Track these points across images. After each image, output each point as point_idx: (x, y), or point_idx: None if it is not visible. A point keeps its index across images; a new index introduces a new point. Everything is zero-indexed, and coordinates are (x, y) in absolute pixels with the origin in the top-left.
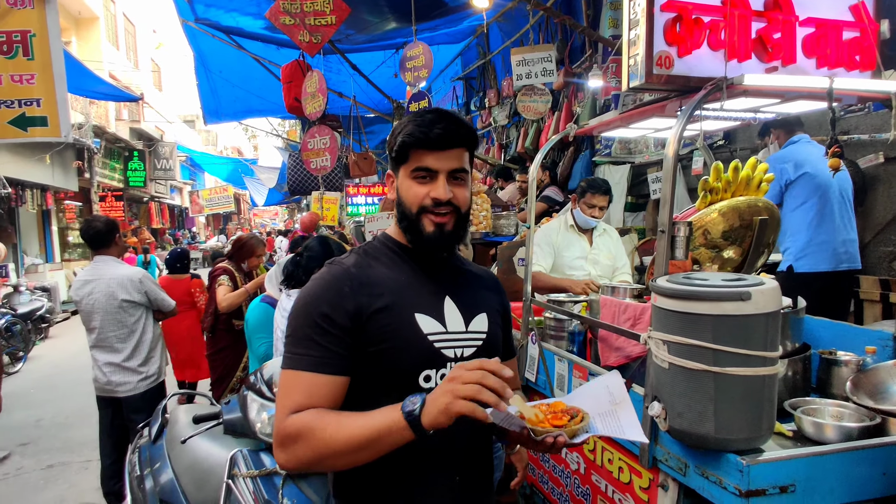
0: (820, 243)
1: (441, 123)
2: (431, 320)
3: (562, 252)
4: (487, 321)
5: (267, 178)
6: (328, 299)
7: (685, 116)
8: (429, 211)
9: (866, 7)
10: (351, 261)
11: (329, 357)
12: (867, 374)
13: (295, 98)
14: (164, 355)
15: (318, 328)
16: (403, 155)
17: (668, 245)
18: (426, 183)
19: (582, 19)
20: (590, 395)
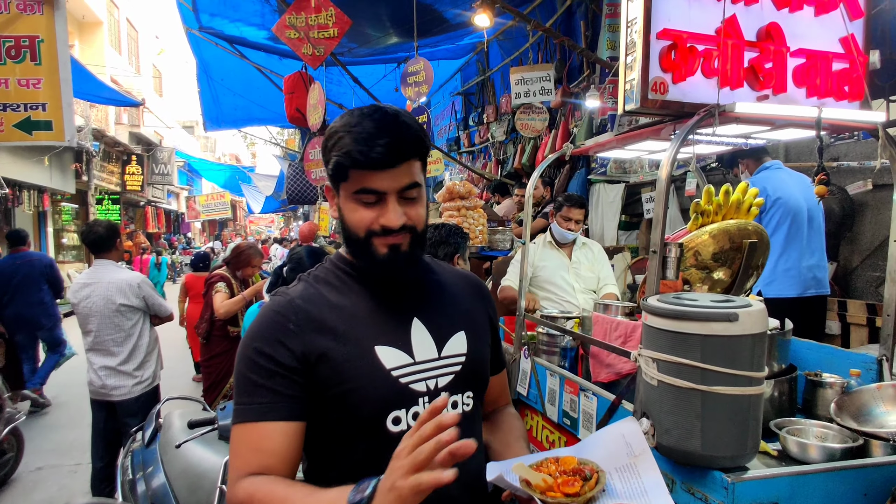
0: (787, 269)
1: (384, 137)
2: (395, 352)
3: (540, 268)
4: (466, 339)
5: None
6: (270, 338)
7: (678, 141)
8: (378, 235)
9: (856, 39)
10: (297, 290)
11: (277, 401)
12: (851, 396)
13: (296, 109)
14: (159, 360)
15: (261, 371)
16: (341, 174)
17: (659, 265)
18: (372, 206)
19: (580, 40)
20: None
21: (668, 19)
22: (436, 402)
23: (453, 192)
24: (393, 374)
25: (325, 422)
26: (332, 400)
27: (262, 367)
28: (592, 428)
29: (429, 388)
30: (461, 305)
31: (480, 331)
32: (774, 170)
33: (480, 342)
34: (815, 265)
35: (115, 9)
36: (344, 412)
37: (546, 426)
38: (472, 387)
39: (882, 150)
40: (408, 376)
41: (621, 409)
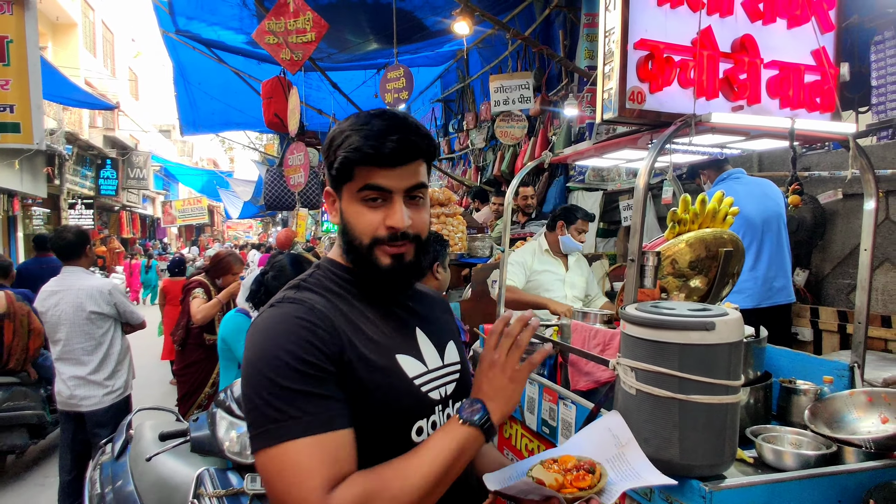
0: (746, 280)
1: (395, 134)
2: (412, 360)
3: (537, 274)
4: (456, 348)
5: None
6: (306, 345)
7: (655, 150)
8: (384, 242)
9: (827, 52)
10: (311, 297)
11: (339, 407)
12: (824, 402)
13: (275, 114)
14: (130, 369)
15: (308, 379)
16: (347, 173)
17: (637, 273)
18: (378, 207)
19: (559, 49)
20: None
21: (646, 30)
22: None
23: (432, 198)
24: (415, 382)
25: None
26: (358, 409)
27: (309, 375)
28: (571, 436)
29: (441, 395)
30: (441, 318)
31: (459, 341)
32: (733, 180)
33: (463, 353)
34: (773, 276)
35: (91, 10)
36: (370, 422)
37: (525, 435)
38: (467, 394)
39: (853, 160)
40: (426, 385)
41: (600, 417)
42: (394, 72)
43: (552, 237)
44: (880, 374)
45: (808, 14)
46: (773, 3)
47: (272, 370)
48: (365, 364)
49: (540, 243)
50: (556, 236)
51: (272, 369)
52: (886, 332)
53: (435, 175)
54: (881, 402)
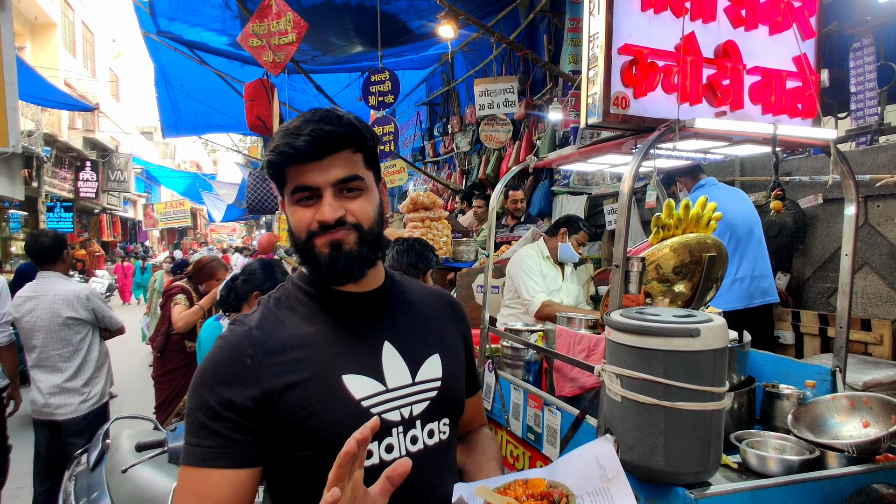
0: (731, 283)
1: (308, 127)
2: (365, 380)
3: (545, 281)
4: (441, 363)
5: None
6: (225, 376)
7: (640, 155)
8: (317, 235)
9: (808, 59)
10: (255, 319)
11: (226, 446)
12: (807, 407)
13: (257, 116)
14: (108, 376)
15: (210, 412)
16: (278, 177)
17: (622, 279)
18: (311, 205)
19: (543, 54)
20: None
21: (630, 35)
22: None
23: (417, 203)
24: (363, 404)
25: (289, 460)
26: (296, 437)
27: (211, 409)
28: (556, 443)
29: (403, 416)
30: (434, 326)
31: (455, 352)
32: (710, 187)
33: (455, 365)
34: (760, 275)
35: (70, 10)
36: (310, 448)
37: (510, 441)
38: (448, 413)
39: (834, 166)
40: (379, 405)
41: (585, 424)
42: (378, 75)
43: (552, 243)
44: (861, 377)
45: (789, 21)
46: (755, 9)
47: (193, 395)
48: (301, 387)
49: (541, 249)
50: (556, 243)
51: (193, 394)
52: (866, 335)
53: (420, 178)
54: (863, 407)
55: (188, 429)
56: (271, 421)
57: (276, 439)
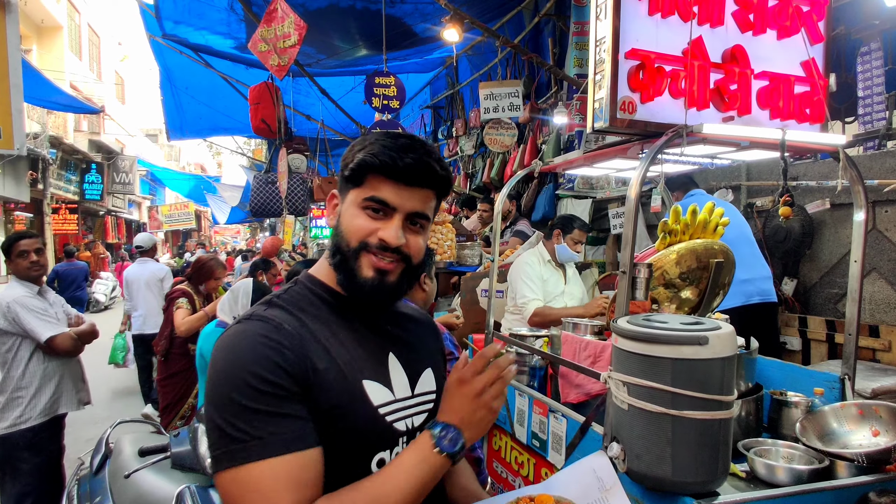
0: None
1: (415, 153)
2: (380, 387)
3: (545, 286)
4: (434, 377)
5: (230, 196)
6: (269, 364)
7: (647, 160)
8: (371, 251)
9: (816, 63)
10: (279, 315)
11: (303, 427)
12: (815, 415)
13: (262, 119)
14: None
15: (271, 398)
16: (358, 177)
17: (629, 286)
18: (377, 218)
19: (548, 57)
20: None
21: (637, 39)
22: (491, 348)
23: None
24: (380, 411)
25: None
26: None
27: (272, 395)
28: (562, 450)
29: (408, 427)
30: (424, 341)
31: (440, 368)
32: (699, 196)
33: (442, 381)
34: (756, 277)
35: (76, 13)
36: (330, 447)
37: (515, 447)
38: None
39: (843, 171)
40: (392, 414)
41: (591, 432)
42: (382, 77)
43: (550, 246)
44: (869, 384)
45: (797, 25)
46: (763, 14)
47: (235, 390)
48: (329, 388)
49: (542, 253)
50: (553, 245)
51: (235, 389)
52: (874, 341)
53: None
54: (872, 415)
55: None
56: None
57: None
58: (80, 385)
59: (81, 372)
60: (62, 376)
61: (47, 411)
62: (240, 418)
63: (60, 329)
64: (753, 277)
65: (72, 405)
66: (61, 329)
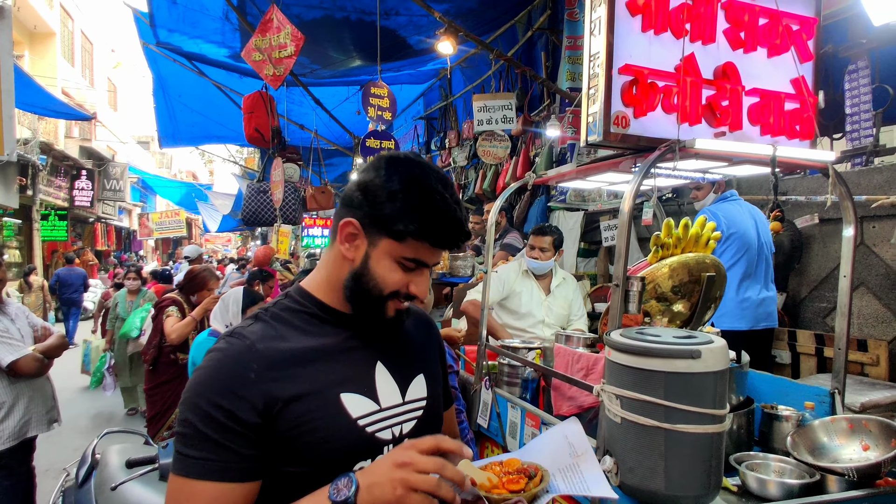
0: (741, 302)
1: (460, 233)
2: (361, 399)
3: (517, 294)
4: (426, 383)
5: (221, 204)
6: (227, 388)
7: (641, 174)
8: (399, 298)
9: (805, 81)
10: (256, 332)
11: (233, 461)
12: (806, 429)
13: (255, 129)
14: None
15: (215, 424)
16: (399, 235)
17: (622, 299)
18: (410, 271)
19: (541, 71)
20: (547, 448)
21: (630, 55)
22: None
23: None
24: (359, 423)
25: (282, 476)
26: (293, 452)
27: (217, 422)
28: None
29: (394, 435)
30: (417, 346)
31: (434, 371)
32: (731, 201)
33: (436, 384)
34: (767, 298)
35: (70, 20)
36: (305, 465)
37: None
38: (432, 431)
39: (832, 187)
40: (374, 424)
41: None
42: (377, 88)
43: None
44: (858, 398)
45: (787, 44)
46: (753, 32)
47: (193, 408)
48: (301, 403)
49: (521, 264)
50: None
51: (193, 407)
52: (862, 355)
53: None
54: (862, 429)
55: (187, 440)
56: (272, 435)
57: (274, 454)
58: (50, 404)
59: (51, 390)
60: (31, 398)
61: (16, 435)
62: (185, 434)
63: (22, 351)
64: (764, 299)
65: (42, 426)
66: (23, 351)
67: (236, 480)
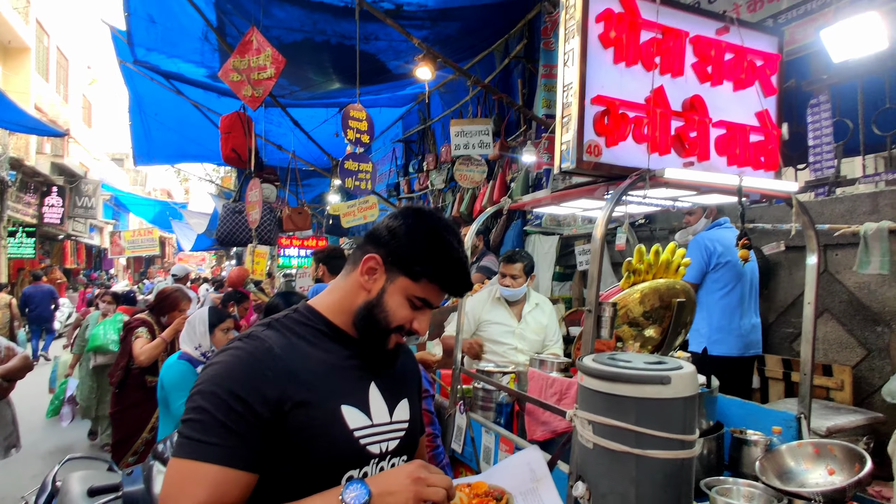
0: (732, 329)
1: (469, 281)
2: (357, 412)
3: (487, 325)
4: (409, 406)
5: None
6: (247, 381)
7: (612, 202)
8: (401, 332)
9: (769, 114)
10: (273, 338)
11: (244, 449)
12: (774, 454)
13: (232, 149)
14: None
15: (232, 413)
16: (417, 276)
17: (594, 324)
18: (416, 309)
19: (518, 98)
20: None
21: (602, 86)
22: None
23: None
24: (355, 434)
25: (279, 473)
26: (290, 454)
27: (233, 410)
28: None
29: (381, 450)
30: (403, 374)
31: (415, 398)
32: (725, 228)
33: (417, 409)
34: (756, 325)
35: (45, 35)
36: (301, 467)
37: None
38: (409, 451)
39: (796, 217)
40: (366, 438)
41: (557, 470)
42: (356, 111)
43: None
44: (824, 423)
45: (752, 78)
46: (720, 66)
47: (209, 396)
48: (307, 408)
49: (492, 291)
50: None
51: (209, 395)
52: (828, 380)
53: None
54: (827, 454)
55: (200, 426)
56: (278, 433)
57: (276, 452)
58: (9, 429)
59: (11, 414)
60: None
61: None
62: (197, 420)
63: None
64: (754, 327)
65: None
66: None
67: (241, 468)
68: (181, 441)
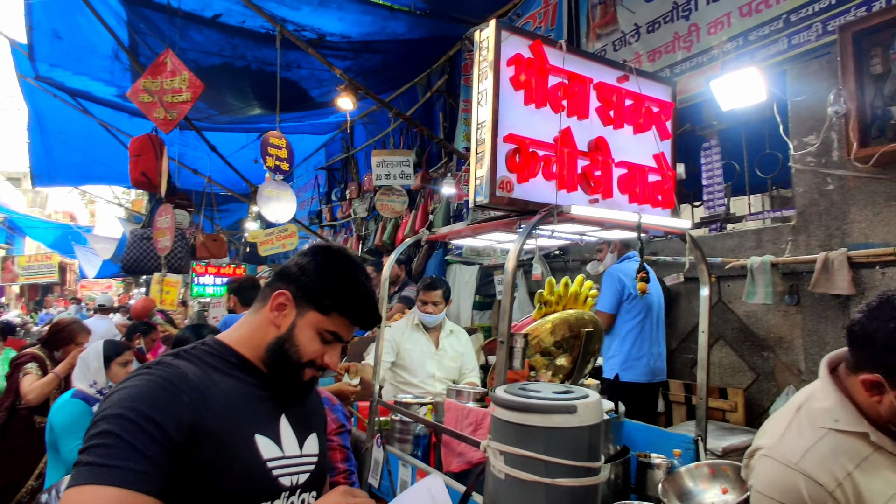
0: (640, 357)
1: (377, 314)
2: (270, 443)
3: (406, 352)
4: (318, 442)
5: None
6: (162, 404)
7: (523, 237)
8: (314, 367)
9: (665, 157)
10: (185, 366)
11: (153, 473)
12: (675, 476)
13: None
14: None
15: (144, 436)
16: (327, 309)
17: (506, 355)
18: (327, 343)
19: (439, 130)
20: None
21: (514, 125)
22: None
23: None
24: (268, 464)
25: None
26: (203, 483)
27: (145, 433)
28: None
29: (292, 483)
30: (311, 409)
31: (322, 435)
32: (634, 261)
33: (324, 446)
34: (660, 354)
35: None
36: (214, 496)
37: None
38: (318, 487)
39: (689, 251)
40: (278, 469)
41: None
42: (276, 139)
43: None
44: (720, 443)
45: (649, 123)
46: (621, 111)
47: (118, 418)
48: (222, 436)
49: (411, 318)
50: None
51: (118, 418)
52: (724, 402)
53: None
54: (721, 474)
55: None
56: (190, 460)
57: (186, 481)
58: None
59: None
60: None
61: None
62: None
63: None
64: (660, 354)
65: None
66: None
67: (150, 494)
68: (79, 470)
